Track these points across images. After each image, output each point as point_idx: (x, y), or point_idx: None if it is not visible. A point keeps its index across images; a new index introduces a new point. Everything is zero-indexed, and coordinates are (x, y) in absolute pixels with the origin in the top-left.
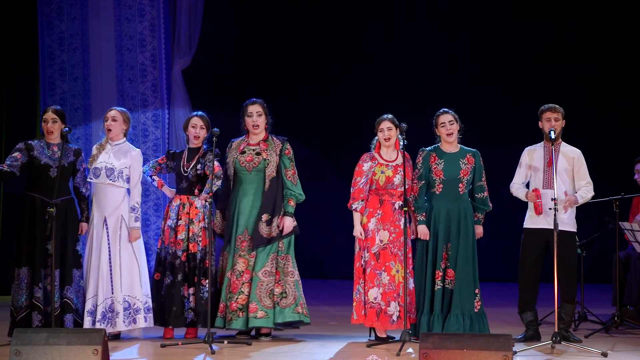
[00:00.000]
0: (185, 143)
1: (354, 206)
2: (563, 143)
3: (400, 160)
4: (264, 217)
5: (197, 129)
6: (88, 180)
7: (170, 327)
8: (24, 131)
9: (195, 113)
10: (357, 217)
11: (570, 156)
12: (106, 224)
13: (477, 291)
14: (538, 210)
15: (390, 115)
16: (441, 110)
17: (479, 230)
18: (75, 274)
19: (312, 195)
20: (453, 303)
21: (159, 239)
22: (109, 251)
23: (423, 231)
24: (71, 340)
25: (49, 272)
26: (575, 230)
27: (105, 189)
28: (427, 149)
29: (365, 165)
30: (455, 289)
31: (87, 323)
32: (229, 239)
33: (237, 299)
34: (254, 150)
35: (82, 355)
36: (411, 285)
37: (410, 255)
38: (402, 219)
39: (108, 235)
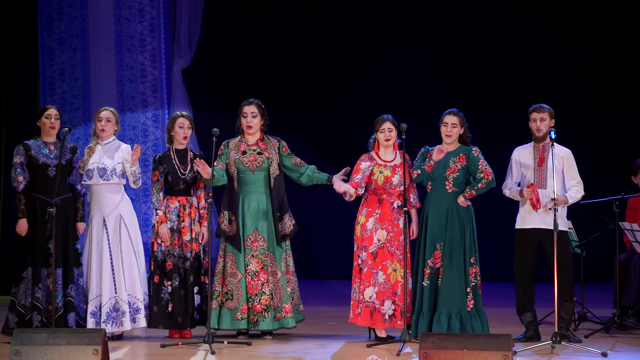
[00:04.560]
0: (166, 143)
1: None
2: (554, 142)
3: (398, 161)
4: (276, 214)
5: (184, 129)
6: (82, 182)
7: (189, 329)
8: (24, 131)
9: (180, 113)
10: (348, 187)
11: (560, 155)
12: (105, 224)
13: (468, 290)
14: (536, 207)
15: (390, 116)
16: (449, 110)
17: (460, 199)
18: (75, 272)
19: (310, 195)
20: (438, 302)
21: (155, 242)
22: (110, 251)
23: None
24: (71, 340)
25: (51, 272)
26: (566, 229)
27: (101, 189)
28: (429, 147)
29: (363, 164)
30: (441, 287)
31: (90, 324)
32: (236, 240)
33: (260, 299)
34: (254, 150)
35: (82, 355)
36: (410, 284)
37: (409, 255)
38: (401, 219)
39: (108, 236)
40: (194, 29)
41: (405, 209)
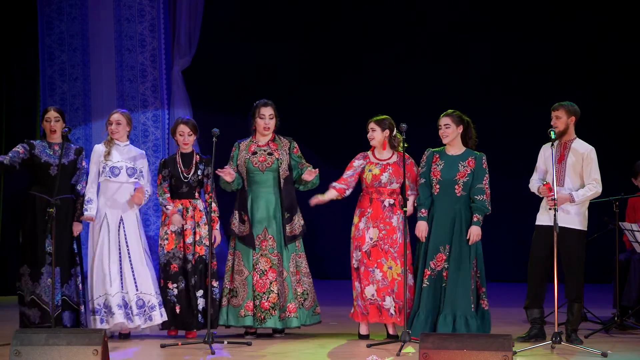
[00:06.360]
0: (176, 146)
1: (335, 183)
2: (577, 139)
3: (393, 160)
4: (285, 215)
5: (185, 136)
6: (104, 178)
7: (194, 330)
8: (24, 131)
9: (181, 119)
10: (330, 193)
11: (580, 152)
12: (123, 222)
13: (471, 292)
14: (551, 204)
15: (381, 117)
16: (444, 113)
17: (474, 231)
18: (72, 272)
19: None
20: (445, 303)
21: (159, 245)
22: (128, 249)
23: (420, 227)
24: (71, 341)
25: (49, 270)
26: (583, 228)
27: (123, 188)
28: (433, 149)
29: (356, 162)
30: (448, 289)
31: (118, 318)
32: (249, 239)
33: (268, 297)
34: (265, 150)
35: (82, 355)
36: (411, 281)
37: (409, 251)
38: (394, 217)
39: (125, 234)
40: (194, 29)
41: (405, 209)
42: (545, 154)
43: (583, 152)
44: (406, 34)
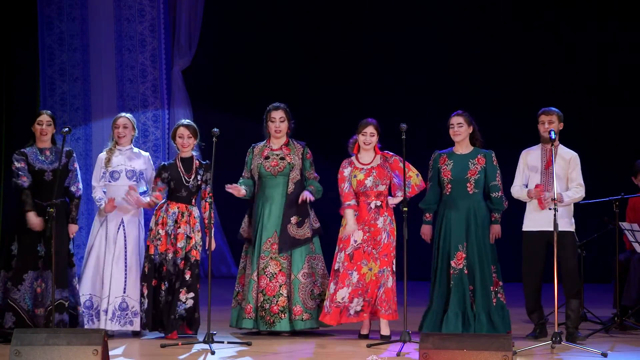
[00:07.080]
0: (176, 151)
1: (347, 203)
2: (560, 145)
3: (375, 163)
4: (294, 219)
5: (184, 139)
6: (104, 183)
7: (174, 332)
8: (24, 132)
9: (181, 122)
10: (350, 213)
11: (566, 158)
12: (124, 226)
13: (492, 288)
14: (543, 205)
15: (375, 121)
16: (454, 112)
17: (496, 229)
18: (69, 273)
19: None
20: (476, 303)
21: (151, 245)
22: (126, 252)
23: (424, 232)
24: (71, 341)
25: (39, 274)
26: (571, 229)
27: (124, 191)
28: (439, 152)
29: (345, 171)
30: (475, 287)
31: (102, 324)
32: (253, 242)
33: (277, 301)
34: (277, 155)
35: (82, 355)
36: (390, 283)
37: (394, 253)
38: (380, 218)
39: (125, 237)
40: (194, 29)
41: (405, 208)
42: (530, 158)
43: (569, 158)
44: (408, 33)
